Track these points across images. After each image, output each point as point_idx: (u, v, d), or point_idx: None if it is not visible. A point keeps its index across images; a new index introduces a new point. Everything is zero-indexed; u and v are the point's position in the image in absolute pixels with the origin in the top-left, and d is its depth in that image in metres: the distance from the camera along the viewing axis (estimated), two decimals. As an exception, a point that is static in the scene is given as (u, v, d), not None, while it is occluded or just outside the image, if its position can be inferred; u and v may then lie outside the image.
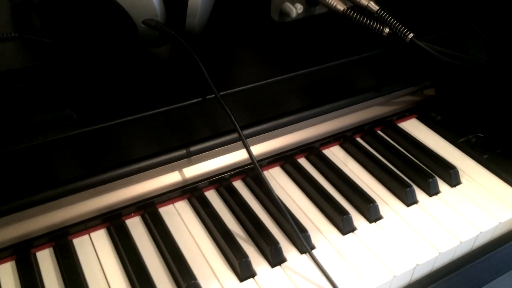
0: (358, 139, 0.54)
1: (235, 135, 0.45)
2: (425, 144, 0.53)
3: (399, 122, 0.57)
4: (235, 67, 0.46)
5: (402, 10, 0.55)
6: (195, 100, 0.41)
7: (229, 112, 0.39)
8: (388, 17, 0.47)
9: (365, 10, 0.48)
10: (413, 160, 0.51)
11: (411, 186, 0.47)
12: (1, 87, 0.36)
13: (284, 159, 0.51)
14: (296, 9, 0.49)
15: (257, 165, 0.39)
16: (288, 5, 0.48)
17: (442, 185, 0.49)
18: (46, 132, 0.35)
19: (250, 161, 0.48)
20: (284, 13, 0.49)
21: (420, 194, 0.48)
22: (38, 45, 0.39)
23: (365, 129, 0.55)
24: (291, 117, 0.50)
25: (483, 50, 0.54)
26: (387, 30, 0.46)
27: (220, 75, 0.44)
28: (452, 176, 0.49)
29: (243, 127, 0.46)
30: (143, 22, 0.39)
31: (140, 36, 0.40)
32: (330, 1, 0.48)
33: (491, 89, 0.55)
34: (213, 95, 0.40)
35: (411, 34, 0.46)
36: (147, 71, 0.43)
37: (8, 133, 0.35)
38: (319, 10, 0.51)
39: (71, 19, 0.40)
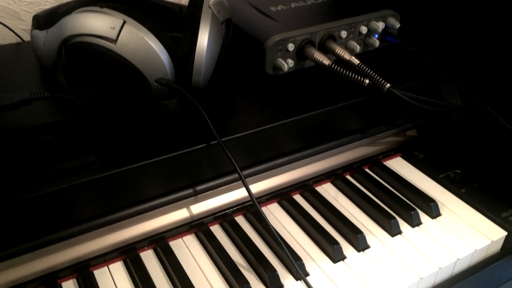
0: (348, 177, 0.60)
1: (236, 175, 0.51)
2: (409, 180, 0.59)
3: (385, 160, 0.63)
4: (236, 116, 0.52)
5: (382, 62, 0.63)
6: (201, 146, 0.46)
7: (230, 155, 0.45)
8: (368, 69, 0.53)
9: (347, 64, 0.55)
10: (397, 195, 0.56)
11: (395, 218, 0.52)
12: (35, 139, 0.43)
13: (281, 195, 0.56)
14: (288, 64, 0.55)
15: (256, 202, 0.44)
16: (280, 60, 0.55)
17: (423, 217, 0.54)
18: (73, 176, 0.41)
19: (250, 199, 0.54)
20: (277, 68, 0.55)
21: (403, 225, 0.53)
22: (66, 102, 0.46)
23: (354, 167, 0.61)
24: (287, 158, 0.55)
25: (456, 95, 0.61)
26: (367, 81, 0.53)
27: (223, 123, 0.50)
28: (432, 209, 0.54)
29: (244, 168, 0.52)
30: (155, 81, 0.45)
31: (153, 92, 0.46)
32: (317, 57, 0.55)
33: (465, 130, 0.61)
34: (216, 141, 0.46)
35: (388, 84, 0.52)
36: (159, 121, 0.49)
37: (41, 178, 0.41)
38: (308, 63, 0.58)
39: (94, 79, 0.47)
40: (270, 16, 0.59)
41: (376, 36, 0.61)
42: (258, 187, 0.54)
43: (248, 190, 0.44)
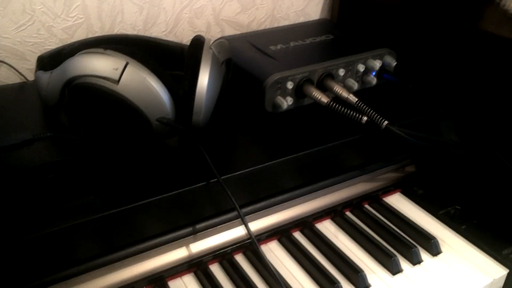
0: (348, 213, 0.60)
1: (236, 213, 0.51)
2: (409, 217, 0.59)
3: (385, 197, 0.63)
4: (236, 153, 0.53)
5: (380, 99, 0.64)
6: (201, 184, 0.47)
7: (229, 194, 0.45)
8: (366, 107, 0.54)
9: (345, 102, 0.56)
10: (397, 232, 0.56)
11: (395, 256, 0.52)
12: (36, 178, 0.43)
13: (281, 233, 0.56)
14: (287, 102, 0.56)
15: (255, 241, 0.44)
16: (279, 98, 0.56)
17: (424, 255, 0.53)
18: (73, 216, 0.41)
19: (249, 237, 0.54)
20: (276, 106, 0.56)
21: (404, 263, 0.52)
22: (67, 141, 0.46)
23: (354, 203, 0.61)
24: (286, 195, 0.55)
25: (454, 131, 0.61)
26: (365, 118, 0.54)
27: (223, 161, 0.51)
28: (433, 246, 0.54)
29: (243, 205, 0.52)
30: (156, 120, 0.46)
31: (154, 130, 0.47)
32: (315, 95, 0.56)
33: (464, 166, 0.61)
34: (216, 179, 0.46)
35: (386, 122, 0.53)
36: (159, 159, 0.50)
37: (43, 217, 0.41)
38: (307, 101, 0.59)
39: (96, 118, 0.47)
40: (270, 55, 0.60)
41: (374, 74, 0.63)
42: (258, 224, 0.54)
43: (247, 228, 0.44)
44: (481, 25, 0.61)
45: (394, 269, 0.51)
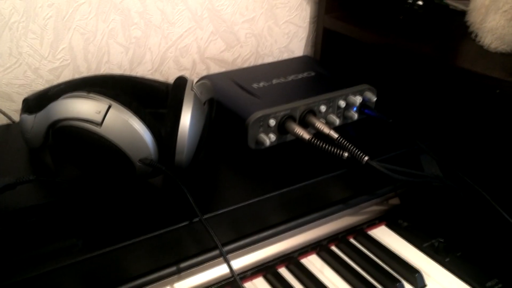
0: (333, 248, 0.60)
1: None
2: (393, 250, 0.59)
3: (370, 230, 0.63)
4: (220, 191, 0.53)
5: (363, 134, 0.65)
6: (184, 224, 0.47)
7: (212, 232, 0.45)
8: (346, 143, 0.55)
9: (327, 137, 0.58)
10: (383, 266, 0.56)
11: (380, 291, 0.52)
12: (18, 222, 0.43)
13: (266, 269, 0.56)
14: (270, 139, 0.57)
15: (237, 279, 0.44)
16: (262, 136, 0.57)
17: (409, 288, 0.54)
18: (55, 259, 0.41)
19: (237, 273, 0.54)
20: (259, 143, 0.57)
21: (389, 298, 0.52)
22: (51, 184, 0.47)
23: (339, 237, 0.61)
24: (271, 231, 0.56)
25: (435, 165, 0.63)
26: (346, 154, 0.55)
27: (207, 199, 0.51)
28: (417, 280, 0.54)
29: (228, 243, 0.52)
30: (139, 161, 0.47)
31: (137, 171, 0.48)
32: (297, 132, 0.57)
33: (446, 199, 0.62)
34: (199, 218, 0.46)
35: (366, 157, 0.54)
36: (142, 200, 0.50)
37: (22, 262, 0.41)
38: (290, 137, 0.60)
39: (80, 160, 0.48)
40: (252, 93, 0.62)
41: (355, 109, 0.64)
42: (243, 261, 0.54)
43: (230, 268, 0.44)
44: (457, 61, 0.63)
45: (379, 304, 0.51)
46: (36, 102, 0.54)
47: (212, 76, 0.68)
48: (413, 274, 0.54)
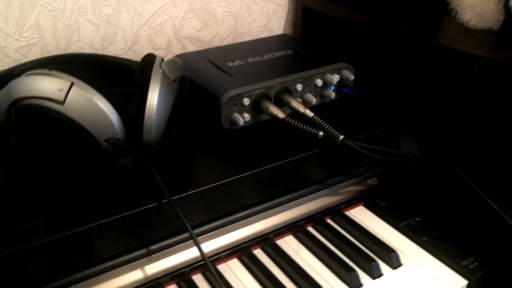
0: (310, 228, 0.59)
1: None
2: (370, 230, 0.58)
3: (348, 210, 0.63)
4: (193, 171, 0.52)
5: (341, 113, 0.64)
6: (152, 205, 0.46)
7: (180, 214, 0.44)
8: (322, 122, 0.54)
9: (303, 117, 0.56)
10: (359, 246, 0.56)
11: (355, 271, 0.51)
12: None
13: (241, 251, 0.55)
14: (244, 118, 0.56)
15: (208, 262, 0.43)
16: (236, 115, 0.56)
17: (384, 268, 0.53)
18: (18, 242, 0.40)
19: (210, 255, 0.53)
20: (233, 122, 0.56)
21: (364, 278, 0.52)
22: (13, 165, 0.45)
23: (316, 218, 0.60)
24: (246, 212, 0.55)
25: (413, 144, 0.62)
26: (321, 133, 0.54)
27: (179, 179, 0.50)
28: (393, 259, 0.53)
29: (201, 224, 0.51)
30: (105, 140, 0.45)
31: (103, 151, 0.46)
32: (272, 110, 0.56)
33: (424, 179, 0.61)
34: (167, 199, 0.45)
35: (342, 136, 0.53)
36: (111, 180, 0.49)
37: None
38: (265, 117, 0.59)
39: (44, 140, 0.46)
40: (227, 72, 0.60)
41: (332, 88, 0.63)
42: (218, 243, 0.53)
43: (200, 250, 0.43)
44: (436, 38, 0.62)
45: (354, 284, 0.50)
46: (1, 82, 0.52)
47: (186, 54, 0.66)
48: (388, 253, 0.54)
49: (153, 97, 0.46)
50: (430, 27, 0.65)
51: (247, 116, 0.56)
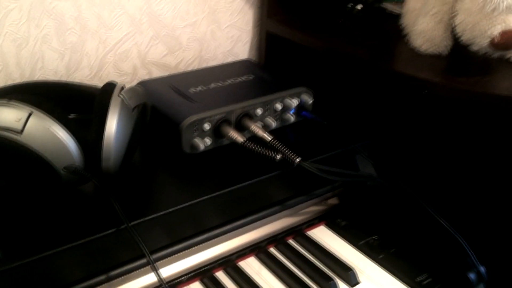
0: (272, 249, 0.61)
1: (153, 257, 0.51)
2: (330, 249, 0.60)
3: (309, 230, 0.64)
4: (154, 196, 0.53)
5: (302, 136, 0.66)
6: (111, 231, 0.47)
7: (138, 239, 0.45)
8: (279, 145, 0.56)
9: (262, 140, 0.58)
10: (318, 265, 0.57)
11: (313, 290, 0.53)
12: None
13: (203, 273, 0.56)
14: (205, 143, 0.58)
15: (166, 286, 0.44)
16: (197, 140, 0.57)
17: (342, 286, 0.54)
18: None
19: (172, 279, 0.54)
20: (194, 147, 0.57)
21: (323, 297, 0.53)
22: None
23: (278, 239, 0.62)
24: (208, 234, 0.56)
25: (369, 164, 0.64)
26: (278, 156, 0.55)
27: (139, 205, 0.51)
28: (350, 277, 0.55)
29: (161, 248, 0.52)
30: (64, 169, 0.46)
31: (62, 179, 0.47)
32: (231, 135, 0.57)
33: (381, 198, 0.64)
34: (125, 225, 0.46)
35: (298, 159, 0.55)
36: (70, 207, 0.49)
37: None
38: (226, 141, 0.60)
39: (3, 169, 0.47)
40: (189, 97, 0.62)
41: (292, 111, 0.65)
42: (179, 266, 0.54)
43: (157, 274, 0.44)
44: (389, 63, 0.65)
45: (312, 303, 0.52)
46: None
47: (149, 81, 0.67)
48: (346, 272, 0.55)
49: (111, 125, 0.47)
50: (384, 53, 0.68)
51: (208, 140, 0.58)
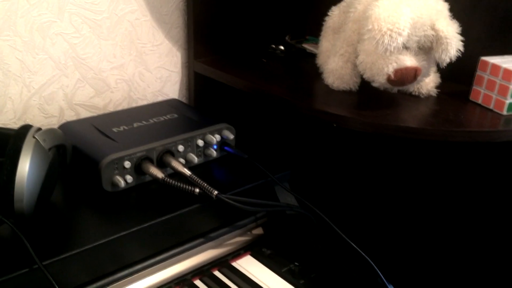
0: (197, 282, 0.62)
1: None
2: (254, 278, 0.62)
3: (235, 260, 0.66)
4: (73, 234, 0.54)
5: (227, 170, 0.68)
6: (23, 271, 0.47)
7: (50, 278, 0.45)
8: (197, 179, 0.59)
9: (183, 176, 0.61)
10: (241, 295, 0.59)
11: (234, 319, 0.54)
12: None
13: (125, 310, 0.56)
14: (126, 180, 0.59)
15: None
16: (117, 178, 0.59)
17: (263, 314, 0.57)
18: None
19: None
20: (115, 184, 0.59)
21: (243, 325, 0.55)
22: None
23: (204, 270, 0.63)
24: (130, 270, 0.56)
25: (290, 195, 0.68)
26: (197, 190, 0.58)
27: (56, 244, 0.51)
28: (271, 305, 0.57)
29: (82, 286, 0.53)
30: (-26, 212, 0.46)
31: (-26, 222, 0.47)
32: (152, 172, 0.59)
33: (303, 226, 0.67)
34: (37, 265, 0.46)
35: (216, 192, 0.58)
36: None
37: None
38: (149, 178, 0.62)
39: None
40: (110, 137, 0.64)
41: (215, 147, 0.68)
42: (101, 304, 0.55)
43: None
44: (304, 100, 0.69)
45: (232, 332, 0.53)
46: None
47: (73, 122, 0.69)
48: (267, 300, 0.58)
49: (24, 166, 0.48)
50: (300, 90, 0.73)
51: (129, 178, 0.59)
